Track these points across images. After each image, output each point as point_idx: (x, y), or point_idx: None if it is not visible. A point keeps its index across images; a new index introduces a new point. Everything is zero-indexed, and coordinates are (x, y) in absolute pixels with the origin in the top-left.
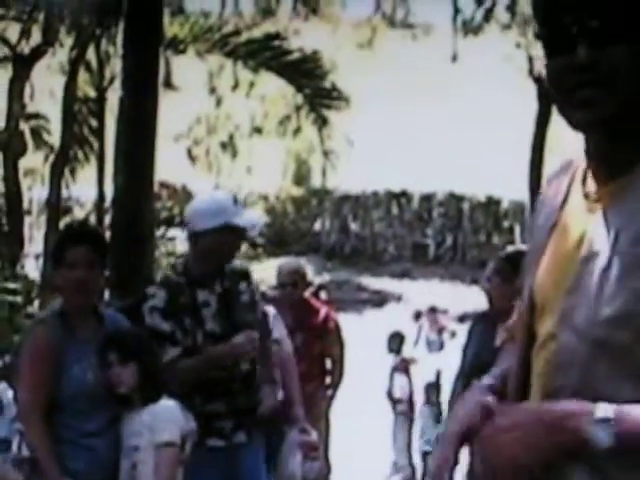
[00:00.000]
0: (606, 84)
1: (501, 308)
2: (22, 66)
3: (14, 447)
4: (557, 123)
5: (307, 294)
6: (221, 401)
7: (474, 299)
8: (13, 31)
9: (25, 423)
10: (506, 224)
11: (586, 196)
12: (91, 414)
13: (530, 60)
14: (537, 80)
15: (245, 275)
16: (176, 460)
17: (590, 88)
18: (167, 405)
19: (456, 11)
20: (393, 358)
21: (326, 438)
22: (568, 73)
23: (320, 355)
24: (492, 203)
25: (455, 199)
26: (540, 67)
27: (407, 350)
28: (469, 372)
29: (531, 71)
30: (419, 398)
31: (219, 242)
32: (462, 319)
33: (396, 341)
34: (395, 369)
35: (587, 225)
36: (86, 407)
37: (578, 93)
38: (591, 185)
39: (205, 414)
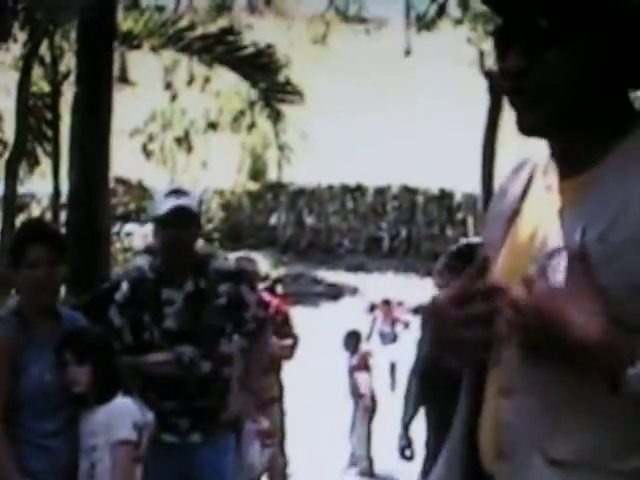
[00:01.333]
0: (538, 91)
1: None
2: None
3: None
4: (508, 117)
5: (260, 288)
6: (175, 400)
7: (428, 291)
8: None
9: None
10: (459, 217)
11: (548, 189)
12: (49, 414)
13: (481, 55)
14: (487, 74)
15: (231, 277)
16: (132, 458)
17: (522, 95)
18: (122, 402)
19: (408, 6)
20: (349, 357)
21: (282, 430)
22: (504, 78)
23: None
24: (445, 196)
25: (409, 192)
26: (490, 62)
27: (363, 346)
28: (425, 366)
29: (482, 66)
30: (379, 391)
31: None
32: (417, 311)
33: (352, 340)
34: (355, 367)
35: (549, 218)
36: (44, 407)
37: (513, 99)
38: (553, 178)
39: (160, 410)
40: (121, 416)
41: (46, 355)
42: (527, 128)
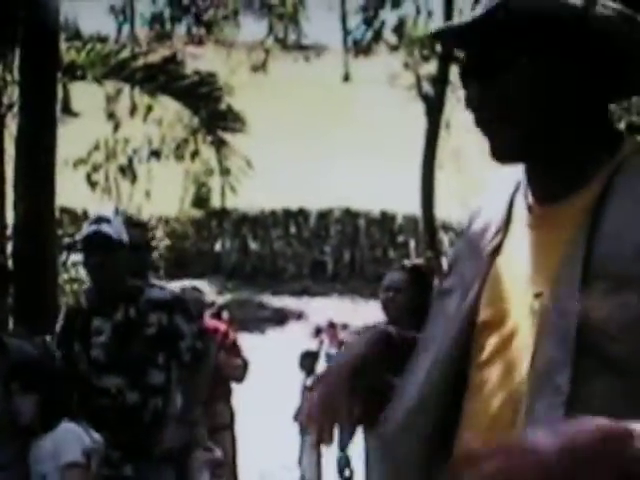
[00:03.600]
0: (498, 119)
1: (396, 318)
2: None
3: None
4: (444, 140)
5: (206, 315)
6: (106, 431)
7: (373, 313)
8: None
9: None
10: (401, 239)
11: (529, 210)
12: None
13: (418, 79)
14: (425, 98)
15: (163, 306)
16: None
17: (485, 125)
18: (67, 427)
19: (346, 32)
20: (304, 377)
21: (233, 457)
22: (469, 111)
23: (220, 374)
24: (387, 219)
25: (351, 216)
26: (427, 86)
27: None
28: None
29: (419, 89)
30: None
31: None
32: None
33: (309, 360)
34: (308, 389)
35: (535, 259)
36: None
37: (480, 129)
38: (531, 200)
39: None
40: (68, 440)
41: None
42: (496, 156)
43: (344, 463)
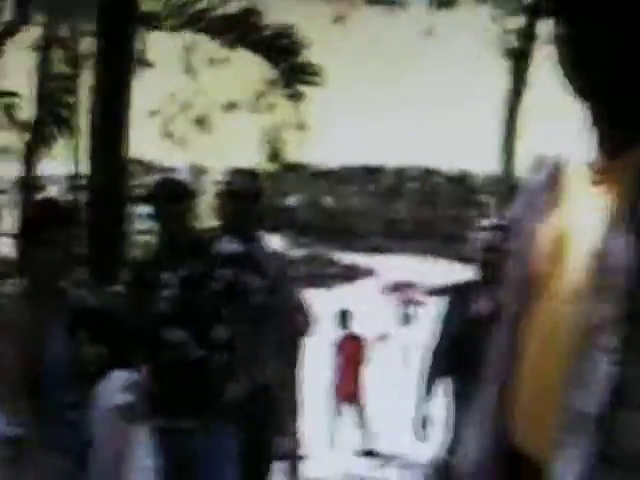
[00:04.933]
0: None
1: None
2: None
3: None
4: (528, 97)
5: None
6: (169, 383)
7: (445, 273)
8: None
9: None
10: (480, 198)
11: (591, 165)
12: (67, 388)
13: (504, 33)
14: (510, 53)
15: (232, 260)
16: (127, 419)
17: (587, 63)
18: (115, 374)
19: None
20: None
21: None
22: (577, 46)
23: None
24: (466, 177)
25: (429, 174)
26: (512, 41)
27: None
28: (450, 344)
29: (505, 44)
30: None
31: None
32: (432, 292)
33: (344, 317)
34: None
35: (593, 197)
36: (62, 382)
37: (583, 61)
38: (595, 162)
39: (154, 393)
40: (114, 385)
41: (60, 333)
42: (583, 95)
43: (422, 422)
